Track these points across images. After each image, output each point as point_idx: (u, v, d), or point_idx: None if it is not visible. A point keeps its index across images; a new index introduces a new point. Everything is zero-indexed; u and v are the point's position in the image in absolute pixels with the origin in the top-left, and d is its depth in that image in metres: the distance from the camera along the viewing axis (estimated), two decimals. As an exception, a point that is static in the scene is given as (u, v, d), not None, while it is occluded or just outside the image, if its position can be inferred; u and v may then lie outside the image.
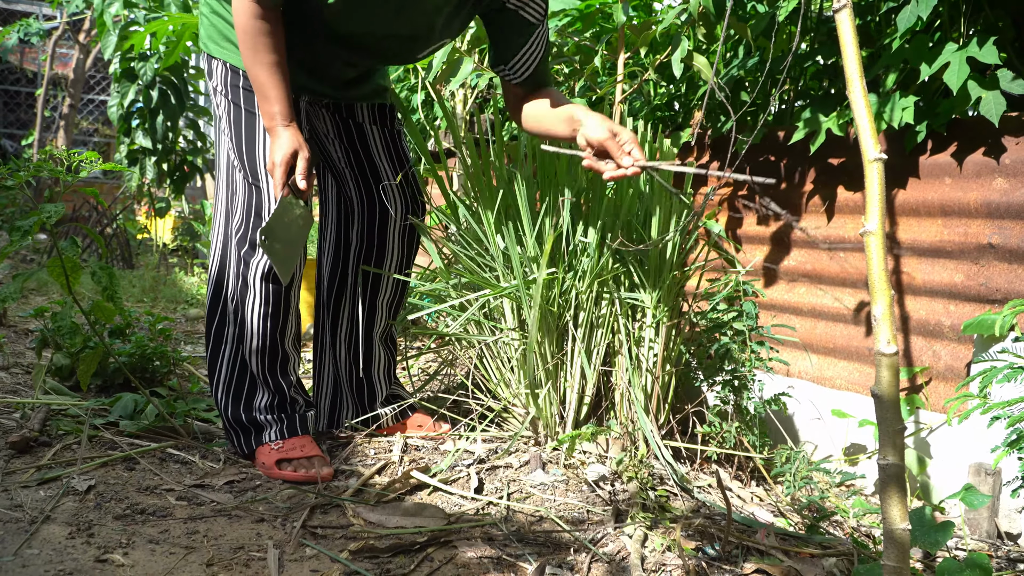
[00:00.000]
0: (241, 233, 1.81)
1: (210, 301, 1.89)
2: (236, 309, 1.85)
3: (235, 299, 1.85)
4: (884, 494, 1.05)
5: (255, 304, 1.82)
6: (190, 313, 4.38)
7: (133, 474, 1.75)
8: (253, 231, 1.80)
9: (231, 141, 1.79)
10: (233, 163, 1.81)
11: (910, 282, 1.97)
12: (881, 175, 1.09)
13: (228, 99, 1.78)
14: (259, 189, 1.78)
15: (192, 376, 2.60)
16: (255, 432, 1.86)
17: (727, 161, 2.29)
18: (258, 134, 1.78)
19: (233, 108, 1.77)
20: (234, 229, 1.83)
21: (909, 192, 1.95)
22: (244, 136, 1.78)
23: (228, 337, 1.87)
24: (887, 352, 1.07)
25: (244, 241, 1.81)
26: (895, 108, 1.85)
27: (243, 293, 1.83)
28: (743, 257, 2.41)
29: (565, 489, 1.75)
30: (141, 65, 4.90)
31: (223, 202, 1.86)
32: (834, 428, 2.09)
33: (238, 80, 1.76)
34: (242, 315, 1.83)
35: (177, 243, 7.00)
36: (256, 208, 1.79)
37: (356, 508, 1.63)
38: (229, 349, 1.87)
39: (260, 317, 1.82)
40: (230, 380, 1.87)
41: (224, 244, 1.87)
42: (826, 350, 2.16)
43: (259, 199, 1.79)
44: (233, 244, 1.83)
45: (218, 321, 1.89)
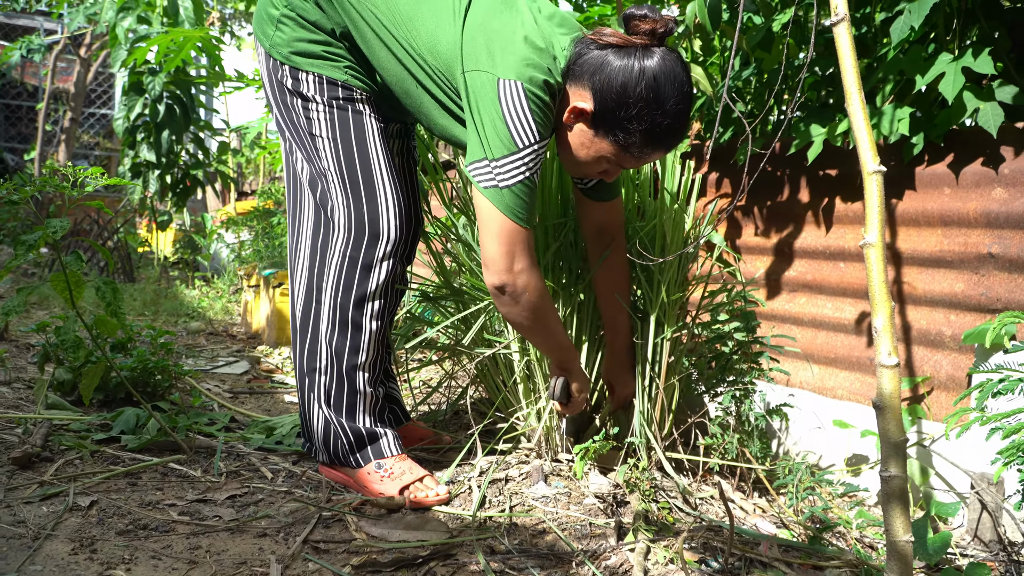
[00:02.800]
0: (349, 252, 1.76)
1: (299, 327, 1.87)
2: (330, 339, 1.80)
3: (329, 328, 1.79)
4: (887, 506, 1.05)
5: (358, 343, 1.79)
6: (191, 326, 4.39)
7: (135, 489, 1.75)
8: (368, 248, 1.75)
9: (332, 149, 1.74)
10: (328, 173, 1.76)
11: (911, 292, 1.97)
12: (881, 187, 1.10)
13: (327, 105, 1.73)
14: (369, 197, 1.74)
15: (194, 390, 2.60)
16: (367, 443, 1.84)
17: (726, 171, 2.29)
18: (369, 137, 1.75)
19: (339, 112, 1.73)
20: (339, 248, 1.77)
21: (908, 202, 1.96)
22: (354, 141, 1.74)
23: (321, 370, 1.83)
24: (888, 364, 1.07)
25: (355, 262, 1.76)
26: (892, 120, 1.86)
27: (341, 327, 1.79)
28: (744, 268, 2.41)
29: (567, 502, 1.74)
30: (150, 79, 4.93)
31: (308, 219, 1.83)
32: (836, 438, 2.08)
33: (336, 91, 1.73)
34: (334, 351, 1.80)
35: (178, 256, 7.02)
36: (371, 217, 1.74)
37: (359, 522, 1.63)
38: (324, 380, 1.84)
39: (361, 364, 1.81)
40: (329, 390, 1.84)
41: (313, 264, 1.83)
42: (827, 360, 2.16)
43: (372, 209, 1.75)
44: (334, 264, 1.78)
45: (308, 355, 1.85)
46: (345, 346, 1.79)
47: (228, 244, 6.50)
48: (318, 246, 1.83)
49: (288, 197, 1.91)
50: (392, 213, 1.76)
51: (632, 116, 1.51)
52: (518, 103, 1.52)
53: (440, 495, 1.75)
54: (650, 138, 1.55)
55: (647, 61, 1.50)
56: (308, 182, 1.82)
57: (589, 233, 1.91)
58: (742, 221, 2.42)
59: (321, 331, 1.81)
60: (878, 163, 1.09)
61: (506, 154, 1.54)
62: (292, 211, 1.90)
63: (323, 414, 1.83)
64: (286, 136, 1.83)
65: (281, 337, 3.85)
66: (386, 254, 1.76)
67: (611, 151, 1.58)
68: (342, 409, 1.82)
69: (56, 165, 6.56)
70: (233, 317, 5.06)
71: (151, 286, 5.49)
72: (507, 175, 1.55)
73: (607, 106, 1.53)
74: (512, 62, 1.53)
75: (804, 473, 1.83)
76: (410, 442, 2.08)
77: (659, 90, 1.50)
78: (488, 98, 1.53)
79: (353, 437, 1.81)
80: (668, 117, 1.52)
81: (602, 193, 1.85)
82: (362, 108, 1.76)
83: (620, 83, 1.51)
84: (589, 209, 1.88)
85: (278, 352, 3.75)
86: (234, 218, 6.23)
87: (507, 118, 1.52)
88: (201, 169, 5.65)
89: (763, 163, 1.61)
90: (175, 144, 5.26)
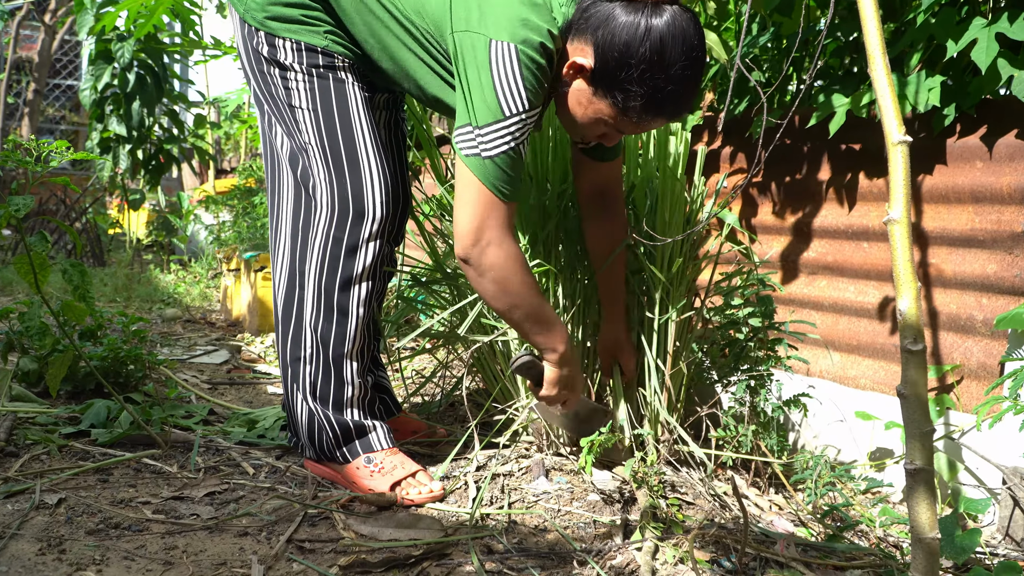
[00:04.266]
0: (333, 232, 1.76)
1: (282, 314, 1.87)
2: (315, 326, 1.80)
3: (314, 314, 1.80)
4: (911, 501, 1.05)
5: (345, 330, 1.79)
6: (167, 313, 4.39)
7: (106, 486, 1.76)
8: (353, 227, 1.76)
9: (312, 121, 1.74)
10: (309, 147, 1.76)
11: (939, 274, 1.97)
12: (906, 159, 1.09)
13: (307, 74, 1.72)
14: (352, 173, 1.74)
15: (169, 381, 2.61)
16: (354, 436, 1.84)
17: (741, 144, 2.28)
18: (353, 108, 1.74)
19: (319, 81, 1.73)
20: (322, 228, 1.78)
21: (937, 177, 1.96)
22: (336, 112, 1.74)
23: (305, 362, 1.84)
24: (914, 349, 1.07)
25: (340, 243, 1.76)
26: (920, 88, 1.85)
27: (326, 313, 1.79)
28: (759, 248, 2.41)
29: (570, 498, 1.75)
30: (119, 46, 4.89)
31: (288, 197, 1.83)
32: (858, 431, 2.09)
33: (316, 58, 1.73)
34: (319, 339, 1.80)
35: (152, 238, 7.01)
36: (355, 194, 1.74)
37: (347, 520, 1.64)
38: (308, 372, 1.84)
39: (348, 352, 1.81)
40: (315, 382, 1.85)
41: (295, 246, 1.83)
42: (849, 347, 2.17)
43: (357, 186, 1.75)
44: (317, 245, 1.78)
45: (292, 344, 1.86)
46: (331, 333, 1.79)
47: (206, 225, 6.50)
48: (299, 227, 1.82)
49: (267, 175, 1.90)
50: (378, 190, 1.76)
51: (633, 77, 1.50)
52: (510, 68, 1.51)
53: (434, 492, 1.76)
54: (651, 103, 1.53)
55: (655, 19, 1.49)
56: (288, 158, 1.81)
57: (585, 194, 1.90)
58: (758, 199, 2.42)
59: (305, 317, 1.81)
60: (903, 133, 1.09)
61: (491, 121, 1.54)
62: (272, 190, 1.89)
63: (308, 406, 1.83)
64: (264, 109, 1.82)
65: (263, 324, 3.86)
66: (372, 234, 1.76)
67: (609, 113, 1.58)
68: (328, 400, 1.82)
69: (19, 139, 6.54)
70: (212, 303, 5.06)
71: (123, 270, 5.48)
72: (490, 144, 1.56)
73: (607, 64, 1.52)
74: (506, 22, 1.52)
75: (824, 468, 1.83)
76: (402, 435, 2.09)
77: (665, 51, 1.49)
78: (479, 61, 1.53)
79: (340, 430, 1.82)
80: (672, 82, 1.51)
81: (603, 152, 1.84)
82: (344, 76, 1.75)
83: (623, 40, 1.49)
84: (587, 169, 1.87)
85: (260, 340, 3.75)
86: (213, 197, 6.21)
87: (496, 83, 1.52)
88: (176, 144, 5.63)
89: (778, 135, 1.60)
90: (147, 117, 5.24)
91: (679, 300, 1.95)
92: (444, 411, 2.37)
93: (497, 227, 1.61)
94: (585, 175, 1.89)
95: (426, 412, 2.35)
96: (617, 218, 1.92)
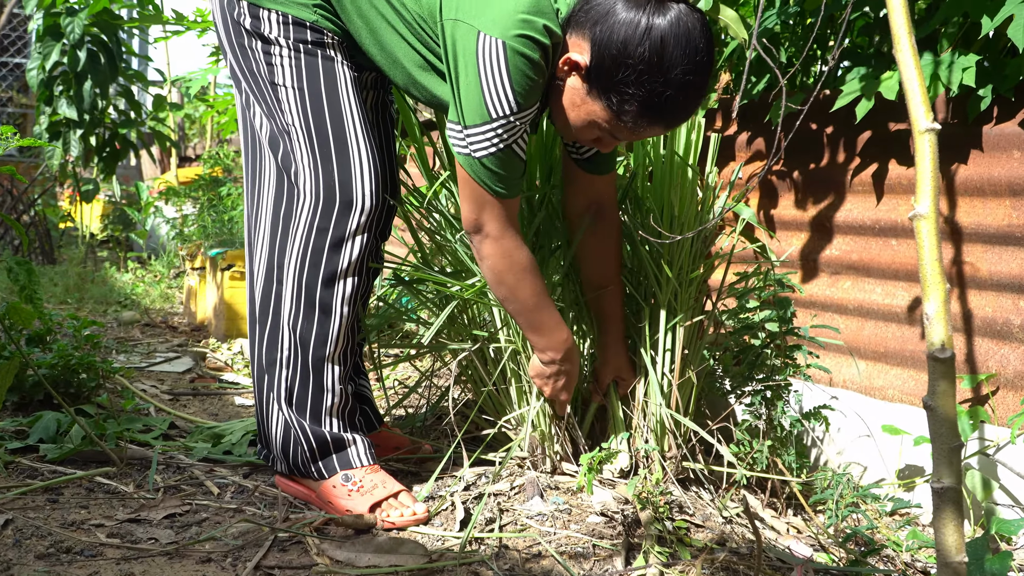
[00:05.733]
0: (316, 222, 1.77)
1: (258, 312, 1.88)
2: (294, 325, 1.81)
3: (292, 313, 1.81)
4: (938, 522, 1.06)
5: (327, 330, 1.81)
6: (123, 316, 4.39)
7: (57, 507, 1.76)
8: (340, 218, 1.76)
9: (297, 100, 1.75)
10: (292, 129, 1.77)
11: (974, 274, 1.98)
12: (934, 148, 1.11)
13: (293, 49, 1.74)
14: (340, 158, 1.75)
15: (126, 391, 2.61)
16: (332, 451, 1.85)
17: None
18: (342, 88, 1.76)
19: (306, 58, 1.74)
20: (305, 218, 1.78)
21: (972, 168, 1.97)
22: (324, 91, 1.75)
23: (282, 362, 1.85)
24: (942, 357, 1.09)
25: (324, 234, 1.77)
26: (954, 69, 1.87)
27: (307, 312, 1.80)
28: (777, 245, 2.43)
29: (567, 520, 1.76)
30: (68, 21, 4.89)
31: (269, 184, 1.84)
32: (886, 447, 2.11)
33: (304, 33, 1.74)
34: (298, 339, 1.81)
35: (107, 233, 7.01)
36: (342, 181, 1.75)
37: (321, 544, 1.65)
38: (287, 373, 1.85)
39: (330, 355, 1.82)
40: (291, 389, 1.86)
41: (275, 238, 1.83)
42: (876, 355, 2.18)
43: (344, 172, 1.76)
44: (298, 237, 1.79)
45: (268, 346, 1.87)
46: (311, 334, 1.80)
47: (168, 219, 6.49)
48: (280, 217, 1.83)
49: (245, 161, 1.91)
50: (367, 177, 1.77)
51: (630, 79, 1.52)
52: (497, 66, 1.54)
53: (417, 514, 1.77)
54: (647, 109, 1.55)
55: (657, 18, 1.50)
56: (268, 141, 1.82)
57: (577, 209, 1.94)
58: (777, 189, 2.43)
59: (283, 317, 1.82)
60: (931, 119, 1.10)
61: (478, 123, 1.59)
62: (250, 177, 1.90)
63: (283, 416, 1.84)
64: (242, 87, 1.83)
65: (231, 328, 3.86)
66: (360, 226, 1.78)
67: (603, 116, 1.60)
68: (306, 409, 1.83)
69: (-40, 124, 6.51)
70: (174, 305, 5.07)
71: (75, 268, 5.49)
72: (478, 145, 1.61)
73: (604, 63, 1.54)
74: (500, 14, 1.54)
75: (846, 487, 1.85)
76: (384, 451, 2.10)
77: (665, 54, 1.50)
78: (467, 56, 1.56)
79: (316, 443, 1.83)
80: (671, 87, 1.53)
81: (599, 165, 1.87)
82: (333, 54, 1.76)
83: (621, 39, 1.51)
84: (581, 182, 1.91)
85: (227, 346, 3.76)
86: (175, 188, 6.22)
87: (483, 83, 1.55)
88: (133, 128, 5.63)
89: (799, 120, 1.61)
90: (100, 98, 5.24)
91: (688, 302, 1.97)
92: (430, 425, 2.38)
93: (494, 222, 1.68)
94: (578, 188, 1.92)
95: (410, 426, 2.36)
96: (613, 234, 1.96)
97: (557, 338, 1.81)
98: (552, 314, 1.81)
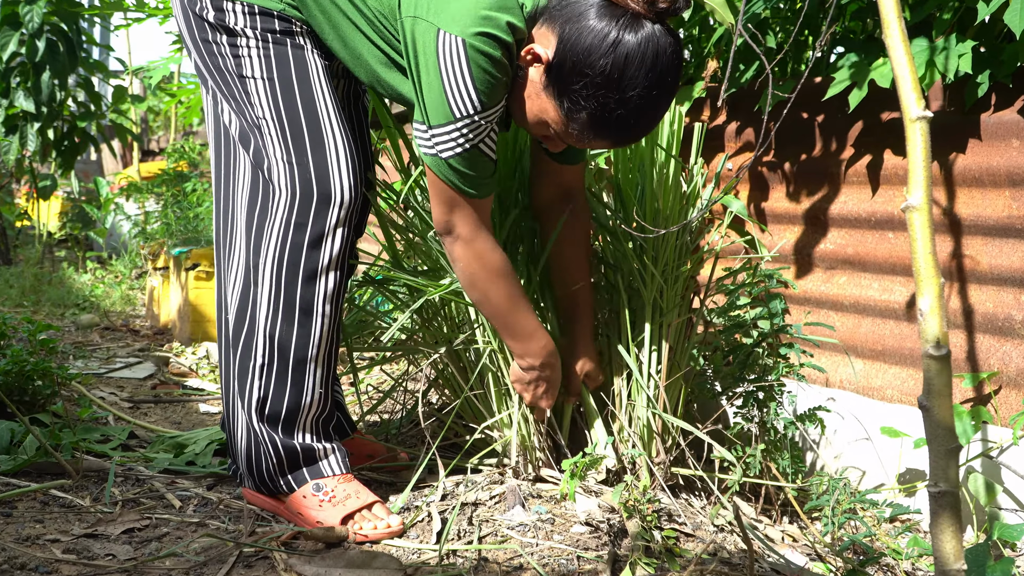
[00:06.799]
0: (294, 219, 1.76)
1: (231, 318, 1.86)
2: (271, 331, 1.80)
3: (270, 317, 1.79)
4: (935, 528, 1.07)
5: (310, 332, 1.80)
6: (82, 320, 4.37)
7: (10, 521, 1.75)
8: (318, 213, 1.76)
9: (268, 92, 1.75)
10: (264, 122, 1.76)
11: (974, 267, 2.00)
12: (926, 137, 1.12)
13: (260, 39, 1.74)
14: (315, 150, 1.75)
15: (83, 399, 2.60)
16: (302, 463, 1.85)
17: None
18: (314, 77, 1.76)
19: (275, 48, 1.74)
20: (281, 215, 1.77)
21: (970, 157, 1.98)
22: (296, 81, 1.75)
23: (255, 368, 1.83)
24: (937, 354, 1.09)
25: (302, 230, 1.76)
26: (950, 55, 1.88)
27: (286, 314, 1.79)
28: (768, 239, 2.43)
29: (550, 530, 1.76)
30: (28, 9, 4.87)
31: (244, 184, 1.83)
32: (885, 450, 2.12)
33: (271, 23, 1.74)
34: (276, 345, 1.80)
35: (65, 232, 6.97)
36: (319, 175, 1.75)
37: (289, 560, 1.64)
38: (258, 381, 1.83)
39: (314, 358, 1.82)
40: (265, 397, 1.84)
41: (250, 238, 1.82)
42: (873, 353, 2.19)
43: (321, 165, 1.75)
44: (274, 235, 1.78)
45: (242, 353, 1.85)
46: (291, 336, 1.80)
47: (129, 216, 6.46)
48: (255, 216, 1.82)
49: (214, 160, 1.90)
50: (344, 169, 1.77)
51: (583, 88, 1.54)
52: (458, 65, 1.55)
53: (392, 527, 1.76)
54: (595, 121, 1.58)
55: (627, 34, 1.52)
56: (239, 138, 1.81)
57: (545, 199, 1.96)
58: (768, 181, 2.44)
59: (259, 322, 1.81)
60: (923, 107, 1.11)
61: (442, 123, 1.61)
62: (222, 178, 1.88)
63: (250, 428, 1.83)
64: (209, 85, 1.82)
65: (196, 331, 3.85)
66: (340, 220, 1.77)
67: (554, 117, 1.62)
68: (278, 420, 1.82)
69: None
70: (135, 308, 5.04)
71: (31, 269, 5.45)
72: (444, 146, 1.63)
73: (564, 64, 1.56)
74: (460, 11, 1.55)
75: (843, 492, 1.85)
76: (357, 460, 2.09)
77: (625, 72, 1.52)
78: (428, 55, 1.58)
79: (286, 455, 1.82)
80: (623, 107, 1.55)
81: (569, 156, 1.88)
82: (303, 42, 1.76)
83: (586, 46, 1.53)
84: (550, 171, 1.93)
85: (192, 351, 3.74)
86: (137, 184, 6.19)
87: (445, 82, 1.57)
88: (93, 121, 5.60)
89: (786, 108, 1.62)
90: (58, 90, 5.21)
91: (675, 300, 1.97)
92: (405, 431, 2.38)
93: (465, 223, 1.71)
94: (545, 178, 1.94)
95: (384, 433, 2.36)
96: (583, 223, 1.97)
97: (535, 344, 1.83)
98: (528, 319, 1.82)
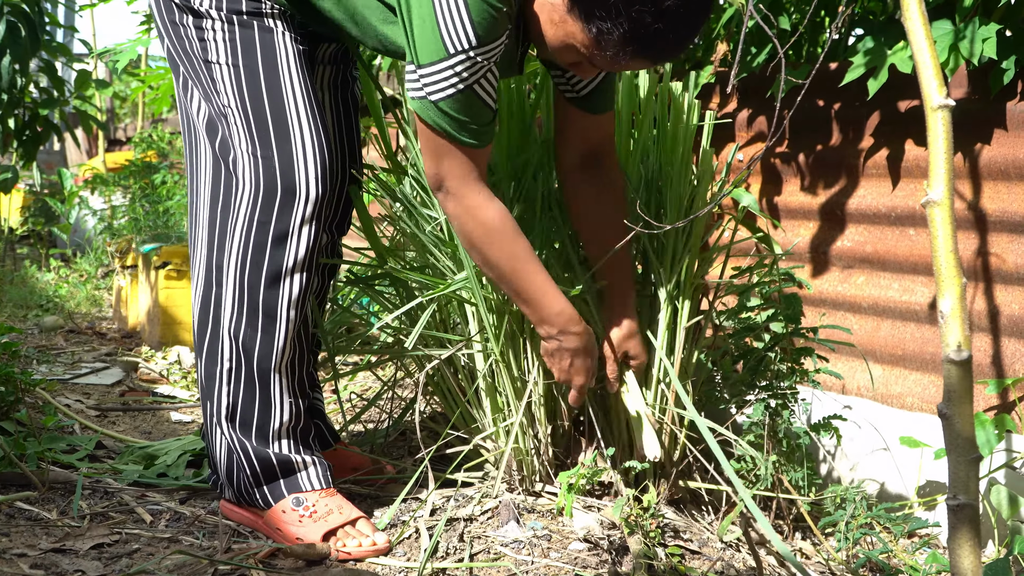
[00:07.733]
0: (257, 215, 1.77)
1: (198, 320, 1.87)
2: (236, 333, 1.81)
3: (234, 318, 1.81)
4: (953, 543, 1.08)
5: (273, 337, 1.81)
6: (45, 322, 4.37)
7: (-33, 538, 1.76)
8: (282, 209, 1.76)
9: (232, 79, 1.75)
10: (229, 111, 1.77)
11: (1000, 266, 2.01)
12: (948, 127, 1.13)
13: (226, 21, 1.74)
14: (280, 142, 1.76)
15: (47, 406, 2.60)
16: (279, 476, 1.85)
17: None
18: (282, 63, 1.76)
19: (240, 31, 1.74)
20: (244, 210, 1.78)
21: (995, 148, 1.99)
22: (262, 68, 1.75)
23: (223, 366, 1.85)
24: (958, 359, 1.10)
25: (265, 228, 1.77)
26: (975, 39, 1.89)
27: (250, 317, 1.80)
28: (782, 236, 2.44)
29: (546, 547, 1.77)
30: (-13, -12, 4.87)
31: (206, 175, 1.84)
32: (904, 461, 2.12)
33: (238, 2, 1.74)
34: (240, 348, 1.81)
35: (27, 228, 6.95)
36: (283, 169, 1.75)
37: (268, 578, 1.65)
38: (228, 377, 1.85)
39: (276, 366, 1.82)
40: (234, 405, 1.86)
41: (214, 235, 1.83)
42: (893, 358, 2.20)
43: (286, 158, 1.76)
44: (237, 232, 1.79)
45: (208, 357, 1.86)
46: (255, 341, 1.80)
47: (95, 211, 6.45)
48: (218, 211, 1.83)
49: (186, 150, 1.91)
50: (312, 163, 1.77)
51: (614, 4, 1.49)
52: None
53: (377, 544, 1.77)
54: (630, 39, 1.52)
55: None
56: (205, 127, 1.82)
57: (573, 158, 1.90)
58: (781, 174, 2.45)
59: (223, 324, 1.82)
60: (944, 95, 1.12)
61: (434, 60, 1.57)
62: (190, 169, 1.90)
63: (224, 436, 1.84)
64: (179, 71, 1.83)
65: (167, 335, 3.85)
66: (305, 217, 1.78)
67: (582, 40, 1.57)
68: (251, 428, 1.83)
69: None
70: (102, 309, 5.04)
71: (-10, 268, 5.44)
72: (435, 87, 1.59)
73: None
74: None
75: (859, 506, 1.86)
76: (340, 472, 2.10)
77: None
78: None
79: (261, 466, 1.83)
80: (661, 19, 1.49)
81: (595, 103, 1.84)
82: (273, 25, 1.76)
83: None
84: (575, 127, 1.88)
85: (162, 355, 3.74)
86: (103, 176, 6.18)
87: (438, 13, 1.54)
88: (56, 108, 5.59)
89: (801, 94, 1.62)
90: (19, 75, 5.20)
91: (691, 303, 1.97)
92: (392, 442, 2.39)
93: (455, 177, 1.67)
94: (572, 132, 1.89)
95: (369, 443, 2.36)
96: (615, 185, 1.91)
97: (547, 309, 1.75)
98: (538, 281, 1.75)
